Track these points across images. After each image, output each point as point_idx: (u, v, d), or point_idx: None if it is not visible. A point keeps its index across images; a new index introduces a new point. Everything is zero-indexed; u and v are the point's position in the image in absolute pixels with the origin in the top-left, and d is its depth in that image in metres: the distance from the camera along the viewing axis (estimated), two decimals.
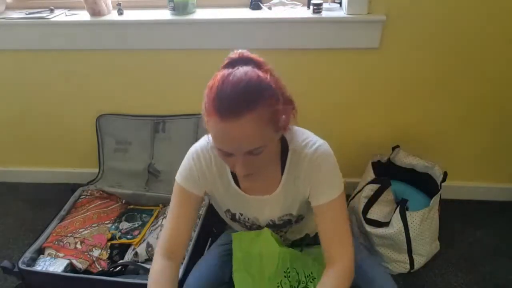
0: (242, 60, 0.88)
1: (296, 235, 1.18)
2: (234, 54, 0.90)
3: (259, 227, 1.11)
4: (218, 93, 0.82)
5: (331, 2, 1.59)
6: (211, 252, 1.24)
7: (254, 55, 0.89)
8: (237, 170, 0.88)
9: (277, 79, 0.87)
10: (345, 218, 1.00)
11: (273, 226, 1.11)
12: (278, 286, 1.02)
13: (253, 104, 0.80)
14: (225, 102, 0.80)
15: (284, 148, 1.01)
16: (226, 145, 0.84)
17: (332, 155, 0.99)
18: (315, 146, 0.98)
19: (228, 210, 1.11)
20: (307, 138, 1.00)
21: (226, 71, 0.85)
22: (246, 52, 0.89)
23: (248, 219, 1.10)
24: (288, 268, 1.04)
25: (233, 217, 1.12)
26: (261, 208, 1.07)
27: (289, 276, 1.03)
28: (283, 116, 0.88)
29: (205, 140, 1.03)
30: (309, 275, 1.05)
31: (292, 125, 0.95)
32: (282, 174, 1.02)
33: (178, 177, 1.05)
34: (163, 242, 1.02)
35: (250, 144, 0.84)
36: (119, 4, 1.63)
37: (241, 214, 1.10)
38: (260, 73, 0.84)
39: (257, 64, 0.87)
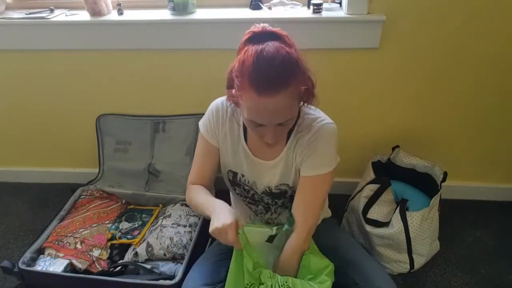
0: (267, 34, 0.93)
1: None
2: (256, 28, 0.95)
3: (255, 195, 1.18)
4: (254, 70, 0.88)
5: (331, 2, 1.59)
6: (209, 250, 1.25)
7: (276, 29, 0.95)
8: (266, 140, 0.96)
9: (301, 53, 0.94)
10: (324, 195, 1.12)
11: (269, 194, 1.16)
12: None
13: (288, 81, 0.88)
14: (262, 79, 0.87)
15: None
16: (261, 118, 0.92)
17: (335, 136, 1.07)
18: (323, 122, 1.06)
19: (230, 170, 1.17)
20: (319, 115, 1.09)
21: (257, 47, 0.90)
22: (268, 26, 0.95)
23: (248, 182, 1.16)
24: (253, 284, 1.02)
25: (234, 178, 1.17)
26: (262, 172, 1.14)
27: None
28: (307, 88, 0.95)
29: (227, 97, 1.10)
30: (284, 283, 1.03)
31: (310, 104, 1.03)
32: (287, 140, 1.09)
33: (200, 124, 1.17)
34: (191, 178, 1.20)
35: (284, 117, 0.92)
36: (119, 4, 1.63)
37: (243, 176, 1.16)
38: (288, 49, 0.90)
39: (282, 38, 0.93)
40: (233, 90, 0.96)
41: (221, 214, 0.99)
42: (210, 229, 0.99)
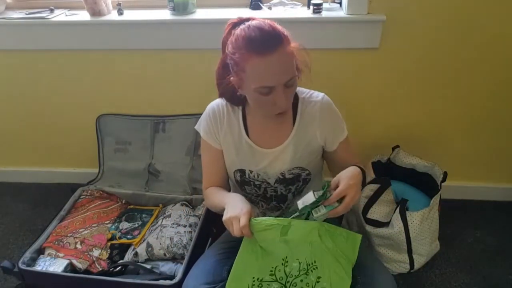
0: (245, 20, 1.02)
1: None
2: (233, 20, 1.04)
3: (268, 188, 1.19)
4: (248, 38, 0.95)
5: (331, 2, 1.59)
6: (210, 249, 1.26)
7: (250, 16, 1.04)
8: (279, 104, 0.99)
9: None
10: (351, 144, 1.22)
11: (283, 182, 1.17)
12: (272, 271, 1.03)
13: (280, 39, 0.96)
14: (258, 41, 0.94)
15: (293, 99, 1.12)
16: (270, 78, 0.96)
17: (332, 103, 1.17)
18: (320, 95, 1.15)
19: (237, 170, 1.18)
20: (309, 91, 1.17)
21: (242, 25, 0.99)
22: (243, 17, 1.04)
23: (258, 176, 1.17)
24: (287, 257, 1.04)
25: (242, 177, 1.18)
26: (272, 161, 1.15)
27: (286, 265, 1.04)
28: (298, 58, 1.02)
29: (222, 98, 1.17)
30: (312, 263, 1.04)
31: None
32: (294, 123, 1.14)
33: (200, 129, 1.20)
34: (204, 184, 1.24)
35: (288, 73, 0.97)
36: (119, 4, 1.63)
37: (251, 172, 1.17)
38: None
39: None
40: (231, 77, 1.03)
41: (235, 203, 1.01)
42: (224, 218, 0.99)
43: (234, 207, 0.99)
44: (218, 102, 1.19)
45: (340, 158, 1.19)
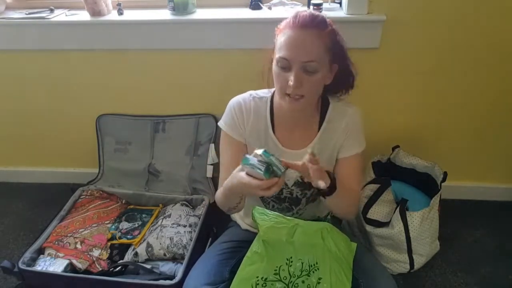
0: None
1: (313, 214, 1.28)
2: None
3: (285, 189, 1.19)
4: (296, 15, 1.01)
5: (331, 2, 1.59)
6: (211, 249, 1.25)
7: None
8: (290, 82, 0.99)
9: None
10: (361, 168, 1.22)
11: (301, 185, 1.18)
12: (276, 270, 1.04)
13: (320, 25, 1.00)
14: (300, 18, 1.00)
15: (324, 106, 1.16)
16: (289, 51, 0.99)
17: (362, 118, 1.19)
18: (354, 107, 1.18)
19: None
20: (346, 102, 1.20)
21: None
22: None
23: None
24: (291, 257, 1.05)
25: None
26: None
27: (290, 265, 1.05)
28: (336, 65, 1.07)
29: (247, 93, 1.18)
30: (314, 264, 1.05)
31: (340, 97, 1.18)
32: (319, 127, 1.15)
33: (222, 124, 1.19)
34: (222, 178, 1.16)
35: (308, 54, 0.99)
36: (119, 4, 1.63)
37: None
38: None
39: None
40: (271, 52, 1.06)
41: (235, 173, 0.99)
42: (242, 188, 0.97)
43: (236, 175, 0.98)
44: (244, 96, 1.18)
45: (341, 173, 1.17)
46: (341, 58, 1.08)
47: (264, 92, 1.19)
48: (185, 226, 1.55)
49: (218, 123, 1.20)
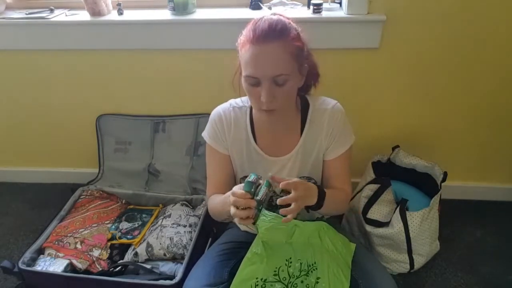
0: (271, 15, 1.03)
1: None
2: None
3: (274, 196, 1.15)
4: (254, 28, 0.97)
5: (331, 2, 1.59)
6: (211, 250, 1.25)
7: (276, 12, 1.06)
8: (262, 98, 0.97)
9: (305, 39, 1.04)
10: (349, 164, 1.18)
11: (289, 192, 1.13)
12: (275, 271, 1.04)
13: (281, 35, 0.96)
14: (258, 31, 0.95)
15: (304, 107, 1.14)
16: (255, 69, 0.96)
17: (345, 112, 1.15)
18: (332, 103, 1.14)
19: (244, 177, 1.15)
20: (324, 99, 1.16)
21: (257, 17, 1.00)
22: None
23: None
24: (290, 258, 1.05)
25: None
26: (279, 169, 1.14)
27: (290, 266, 1.05)
28: (306, 65, 1.03)
29: (228, 103, 1.17)
30: (312, 264, 1.05)
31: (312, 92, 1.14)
32: (302, 131, 1.13)
33: (206, 135, 1.19)
34: (209, 192, 1.21)
35: (276, 68, 0.95)
36: (119, 4, 1.63)
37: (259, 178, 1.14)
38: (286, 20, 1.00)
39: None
40: (238, 63, 1.04)
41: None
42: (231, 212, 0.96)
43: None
44: (224, 107, 1.17)
45: (330, 174, 1.16)
46: (308, 57, 1.06)
47: (244, 101, 1.18)
48: (185, 226, 1.55)
49: (202, 134, 1.20)
